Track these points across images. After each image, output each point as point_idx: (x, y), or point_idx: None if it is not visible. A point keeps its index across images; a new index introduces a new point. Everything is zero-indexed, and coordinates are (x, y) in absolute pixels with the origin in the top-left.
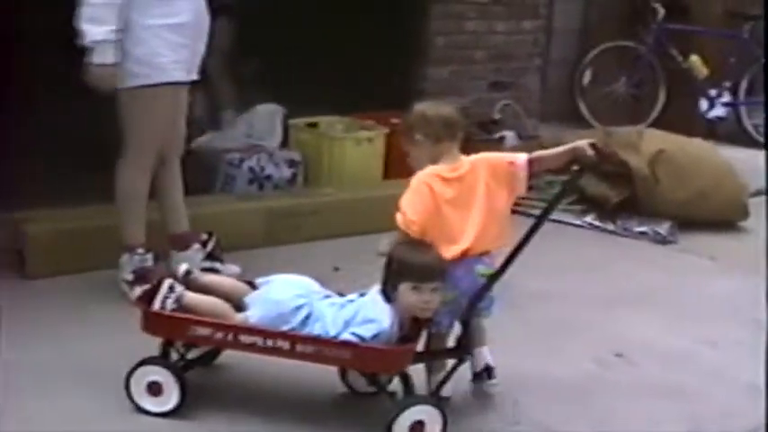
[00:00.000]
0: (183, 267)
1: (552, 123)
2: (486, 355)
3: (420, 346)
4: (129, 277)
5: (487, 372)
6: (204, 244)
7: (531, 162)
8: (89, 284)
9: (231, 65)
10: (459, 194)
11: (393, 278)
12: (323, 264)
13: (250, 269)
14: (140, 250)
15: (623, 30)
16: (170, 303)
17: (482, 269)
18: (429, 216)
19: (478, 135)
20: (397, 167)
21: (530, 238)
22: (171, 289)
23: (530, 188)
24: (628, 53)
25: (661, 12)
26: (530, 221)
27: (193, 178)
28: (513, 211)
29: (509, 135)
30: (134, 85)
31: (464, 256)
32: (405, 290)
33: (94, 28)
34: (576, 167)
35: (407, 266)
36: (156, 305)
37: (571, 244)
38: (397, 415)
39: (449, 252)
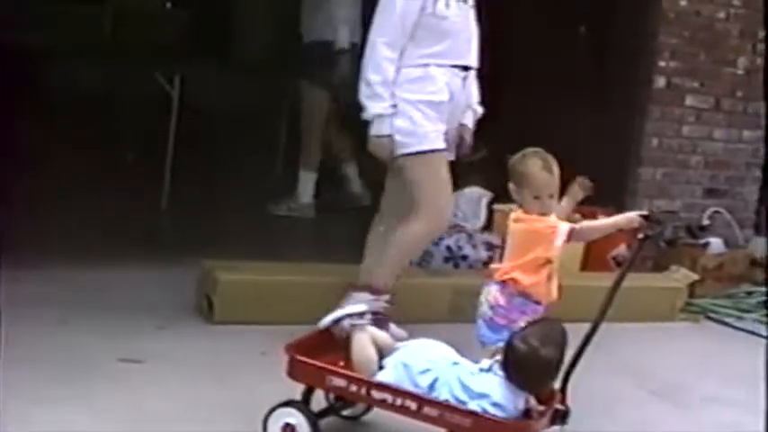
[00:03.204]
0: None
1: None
2: None
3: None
4: (361, 310)
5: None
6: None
7: (571, 232)
8: (271, 335)
9: None
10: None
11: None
12: None
13: None
14: (384, 297)
15: None
16: (347, 323)
17: None
18: None
19: (684, 239)
20: (597, 261)
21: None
22: (361, 315)
23: (729, 296)
24: None
25: None
26: (726, 330)
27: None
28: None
29: (714, 242)
30: (404, 153)
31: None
32: None
33: (373, 104)
34: (640, 236)
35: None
36: (336, 315)
37: (759, 354)
38: None
39: None
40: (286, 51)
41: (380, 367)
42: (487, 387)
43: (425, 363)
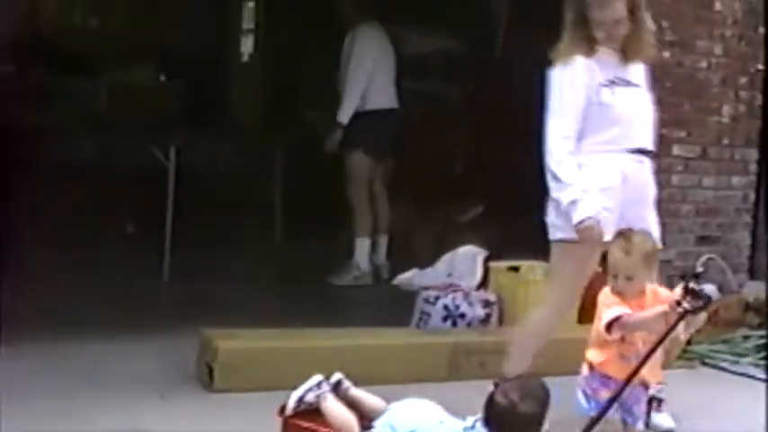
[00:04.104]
0: (336, 376)
1: (763, 281)
2: None
3: None
4: (317, 381)
5: None
6: None
7: (616, 319)
8: (273, 402)
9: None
10: None
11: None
12: None
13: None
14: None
15: None
16: (311, 396)
17: None
18: None
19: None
20: (592, 312)
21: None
22: (319, 385)
23: (724, 341)
24: None
25: None
26: (722, 375)
27: (392, 312)
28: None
29: (709, 288)
30: (555, 239)
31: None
32: None
33: (566, 194)
34: (680, 309)
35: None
36: (298, 394)
37: (756, 396)
38: None
39: None
40: (274, 118)
41: (369, 428)
42: None
43: (411, 423)
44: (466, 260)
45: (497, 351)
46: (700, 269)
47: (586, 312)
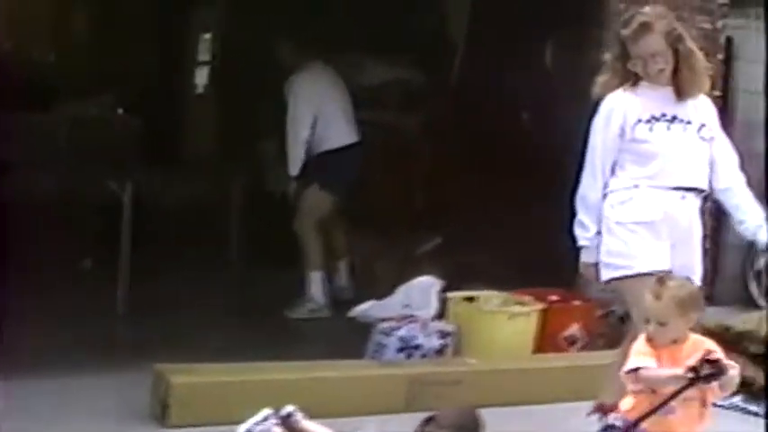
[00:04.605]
0: (287, 408)
1: (723, 306)
2: None
3: None
4: (263, 416)
5: None
6: None
7: (635, 370)
8: None
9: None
10: None
11: None
12: None
13: None
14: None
15: None
16: (257, 430)
17: None
18: None
19: None
20: (548, 342)
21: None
22: (265, 419)
23: None
24: None
25: None
26: None
27: (347, 344)
28: None
29: (728, 362)
30: (609, 278)
31: None
32: None
33: (579, 234)
34: (691, 375)
35: None
36: (245, 427)
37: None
38: None
39: None
40: (230, 150)
41: None
42: None
43: None
44: (422, 291)
45: (454, 382)
46: None
47: (544, 342)
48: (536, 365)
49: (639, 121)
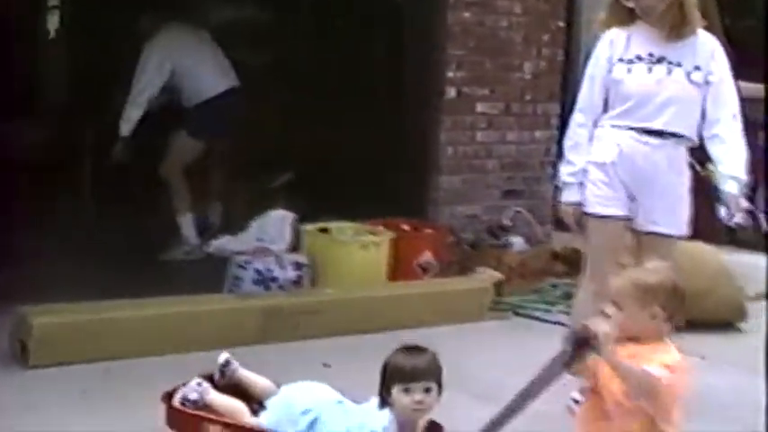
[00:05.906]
0: (222, 357)
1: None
2: None
3: None
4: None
5: None
6: None
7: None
8: (89, 374)
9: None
10: None
11: (386, 383)
12: (315, 361)
13: (244, 365)
14: None
15: None
16: (194, 396)
17: None
18: None
19: (487, 240)
20: (402, 270)
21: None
22: (198, 384)
23: (535, 291)
24: None
25: None
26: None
27: (205, 279)
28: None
29: (516, 241)
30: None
31: None
32: (396, 393)
33: (563, 170)
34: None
35: (397, 369)
36: (179, 396)
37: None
38: None
39: None
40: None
41: (262, 406)
42: (367, 420)
43: (308, 403)
44: (276, 224)
45: (310, 312)
46: (507, 222)
47: (398, 270)
48: (390, 293)
49: (621, 60)
